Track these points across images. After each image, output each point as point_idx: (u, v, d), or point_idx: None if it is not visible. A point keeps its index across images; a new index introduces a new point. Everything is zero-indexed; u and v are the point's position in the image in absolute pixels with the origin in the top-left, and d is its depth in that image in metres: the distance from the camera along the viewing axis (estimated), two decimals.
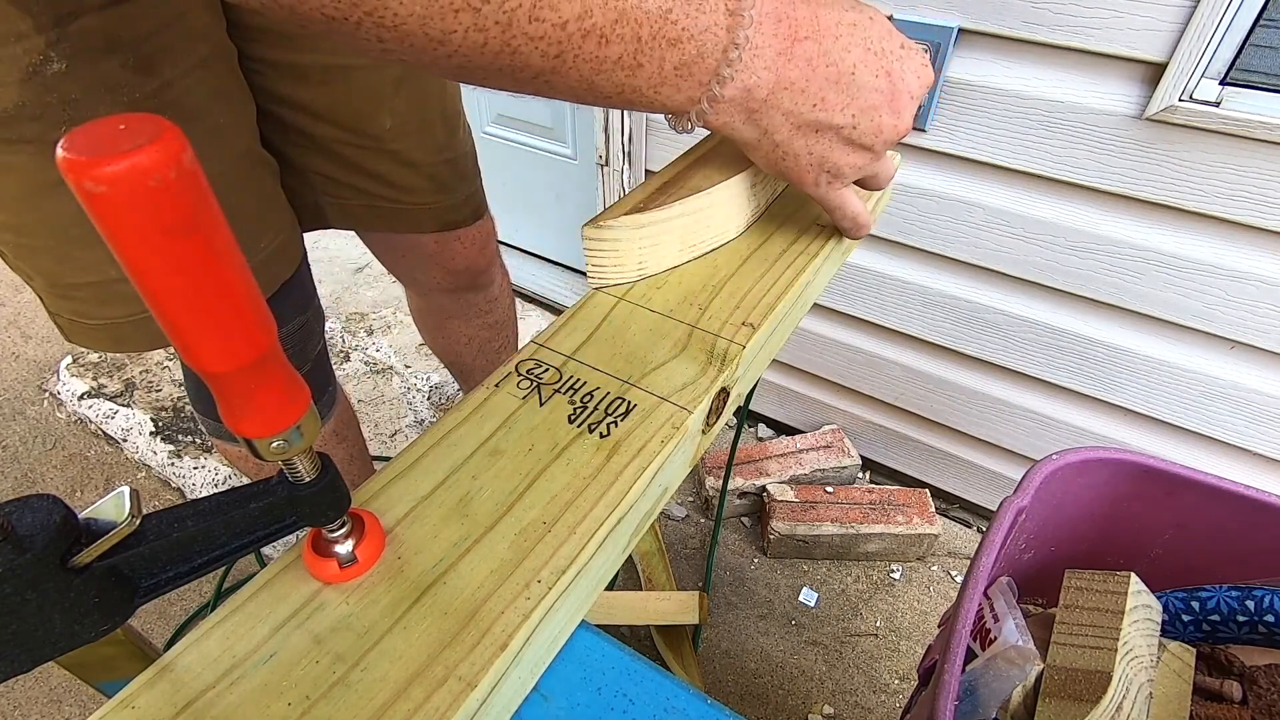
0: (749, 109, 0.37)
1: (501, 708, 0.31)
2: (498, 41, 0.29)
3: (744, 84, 0.35)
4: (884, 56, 0.39)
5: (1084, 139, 0.92)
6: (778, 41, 0.35)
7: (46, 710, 1.13)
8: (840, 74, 0.37)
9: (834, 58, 0.37)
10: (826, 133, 0.39)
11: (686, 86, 0.34)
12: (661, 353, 0.41)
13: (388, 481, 0.35)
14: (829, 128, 0.38)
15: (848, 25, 0.38)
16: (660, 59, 0.33)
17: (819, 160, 0.40)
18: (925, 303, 1.18)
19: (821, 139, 0.39)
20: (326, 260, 2.01)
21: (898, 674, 1.18)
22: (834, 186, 0.42)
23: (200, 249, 0.19)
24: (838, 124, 0.38)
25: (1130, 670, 0.61)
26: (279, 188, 0.66)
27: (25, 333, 1.80)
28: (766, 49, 0.35)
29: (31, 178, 0.49)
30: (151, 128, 0.18)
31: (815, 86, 0.37)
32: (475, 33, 0.29)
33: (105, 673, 0.30)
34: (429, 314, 1.04)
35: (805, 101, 0.37)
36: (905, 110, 0.40)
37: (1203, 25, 0.78)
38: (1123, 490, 0.73)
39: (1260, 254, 0.90)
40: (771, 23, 0.35)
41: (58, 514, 0.23)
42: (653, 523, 0.92)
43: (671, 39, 0.32)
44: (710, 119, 0.37)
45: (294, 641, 0.29)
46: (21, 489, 1.44)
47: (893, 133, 0.40)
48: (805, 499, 1.32)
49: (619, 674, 0.35)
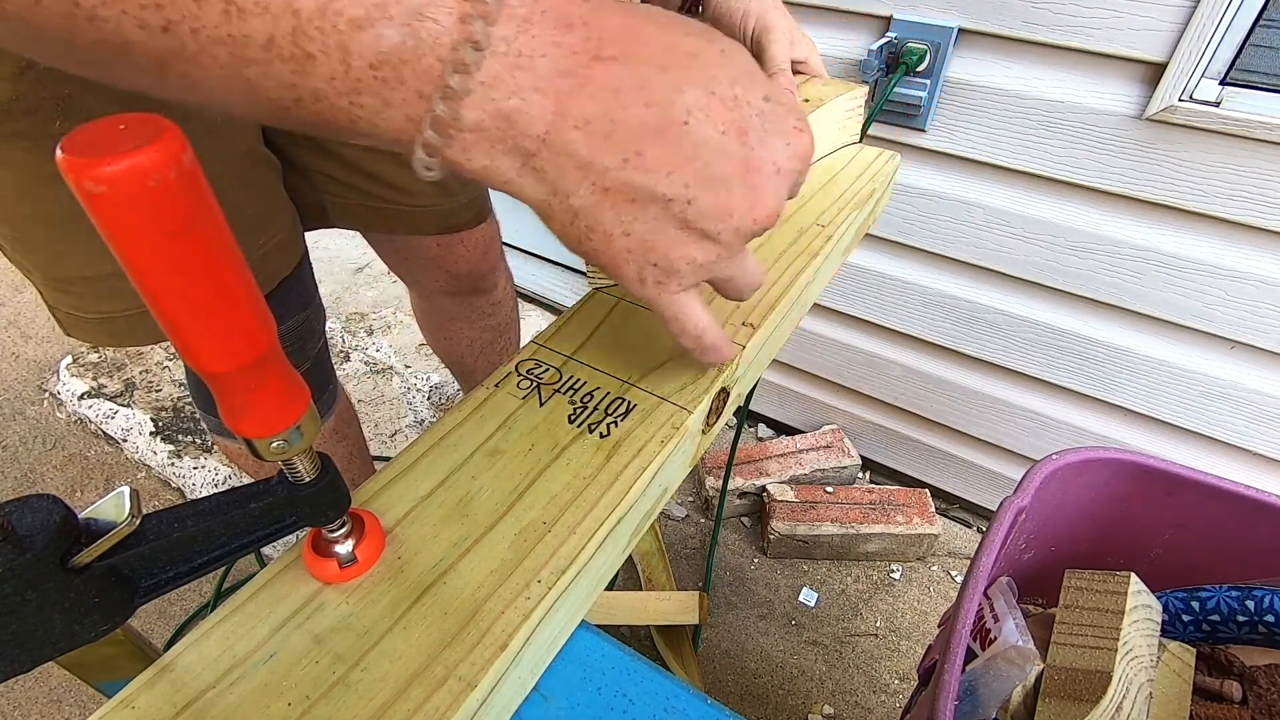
0: (521, 150, 0.26)
1: (501, 708, 0.31)
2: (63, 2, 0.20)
3: (498, 107, 0.24)
4: (737, 107, 0.27)
5: (1084, 139, 0.92)
6: (561, 55, 0.25)
7: (46, 710, 1.13)
8: (666, 120, 0.26)
9: (657, 95, 0.26)
10: (648, 206, 0.27)
11: (398, 100, 0.24)
12: (661, 353, 0.41)
13: (388, 481, 0.35)
14: (651, 198, 0.27)
15: (684, 54, 0.27)
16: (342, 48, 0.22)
17: (640, 246, 0.28)
18: (925, 303, 1.18)
19: (643, 215, 0.27)
20: (326, 260, 2.01)
21: (898, 674, 1.18)
22: (665, 289, 0.30)
23: (200, 249, 0.19)
24: (663, 194, 0.27)
25: (1130, 670, 0.61)
26: (280, 186, 0.66)
27: (25, 333, 1.80)
28: (539, 61, 0.24)
29: (26, 171, 0.49)
30: (151, 128, 0.18)
31: (627, 133, 0.26)
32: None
33: (105, 673, 0.30)
34: (431, 315, 1.04)
35: (612, 152, 0.26)
36: (766, 188, 0.29)
37: (1203, 25, 0.78)
38: (1123, 490, 0.73)
39: (1260, 254, 0.90)
40: (552, 26, 0.25)
41: (58, 514, 0.24)
42: (653, 523, 0.92)
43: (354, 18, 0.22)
44: (454, 156, 0.25)
45: (294, 641, 0.29)
46: (21, 489, 1.44)
47: (746, 218, 0.28)
48: (805, 499, 1.32)
49: (619, 674, 0.35)
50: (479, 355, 1.08)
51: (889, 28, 0.96)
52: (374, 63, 0.23)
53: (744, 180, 0.28)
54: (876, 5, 0.96)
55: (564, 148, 0.26)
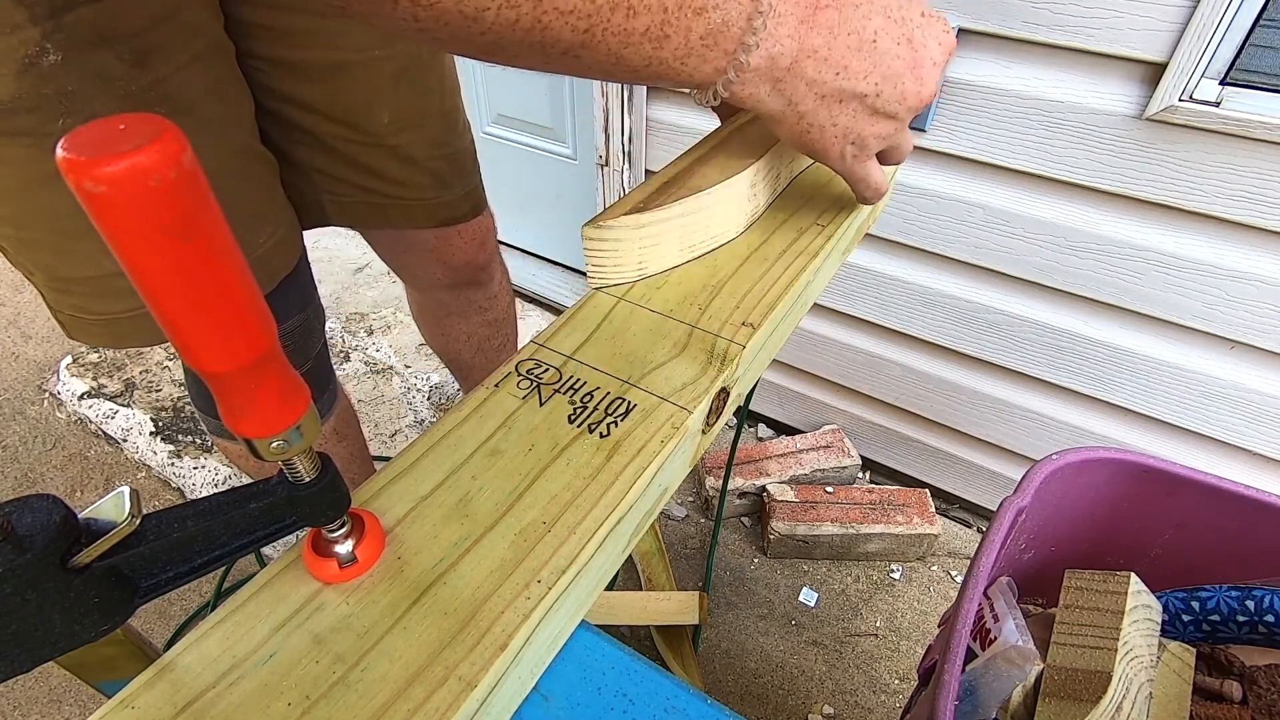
0: (774, 78, 0.37)
1: (501, 708, 0.31)
2: (529, 18, 0.30)
3: (768, 52, 0.35)
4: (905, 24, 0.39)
5: (1084, 139, 0.92)
6: (800, 9, 0.35)
7: (46, 710, 1.13)
8: (862, 41, 0.37)
9: (855, 25, 0.37)
10: (851, 102, 0.38)
11: (713, 57, 0.35)
12: (661, 353, 0.41)
13: (388, 481, 0.35)
14: (853, 96, 0.38)
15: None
16: (686, 29, 0.33)
17: (844, 131, 0.40)
18: (925, 303, 1.18)
19: (846, 109, 0.39)
20: (326, 260, 2.01)
21: (898, 674, 1.18)
22: (859, 159, 0.42)
23: (200, 249, 0.19)
24: (862, 91, 0.38)
25: (1130, 670, 0.61)
26: (278, 183, 0.66)
27: (25, 333, 1.80)
28: (789, 16, 0.35)
29: (28, 170, 0.49)
30: (151, 127, 0.18)
31: (838, 54, 0.37)
32: (508, 9, 0.29)
33: (105, 673, 0.30)
34: (429, 310, 1.04)
35: (829, 69, 0.37)
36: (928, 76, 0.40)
37: (1203, 25, 0.78)
38: (1123, 490, 0.73)
39: (1260, 254, 0.90)
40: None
41: (58, 514, 0.23)
42: (653, 523, 0.92)
43: (697, 8, 0.32)
44: (736, 90, 0.37)
45: (294, 641, 0.29)
46: (21, 489, 1.44)
47: (916, 99, 0.40)
48: (805, 499, 1.32)
49: (619, 674, 0.35)
50: (476, 350, 1.08)
51: None
52: (703, 36, 0.34)
53: (913, 73, 0.39)
54: None
55: (799, 72, 0.37)
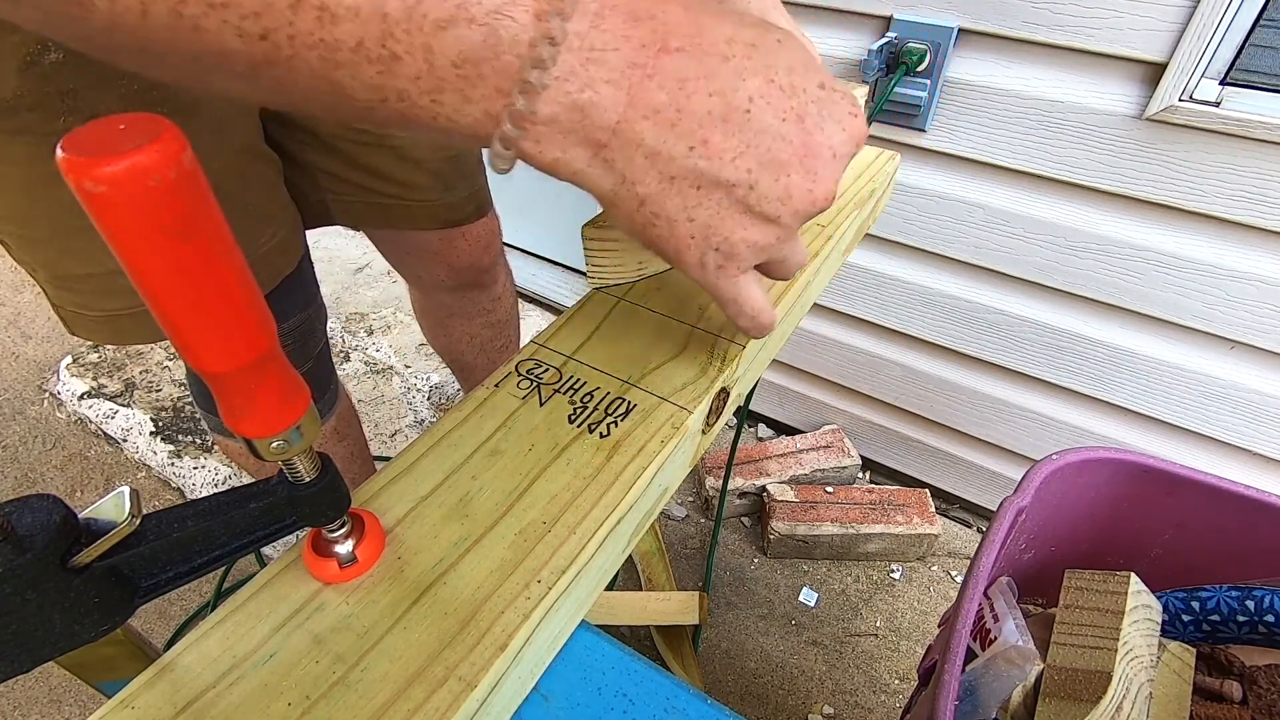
0: (592, 141, 0.27)
1: (501, 708, 0.31)
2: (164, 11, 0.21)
3: (573, 100, 0.25)
4: (795, 94, 0.28)
5: (1084, 139, 0.92)
6: (632, 48, 0.25)
7: (46, 710, 1.13)
8: (730, 108, 0.27)
9: (721, 83, 0.27)
10: (713, 192, 0.28)
11: (478, 96, 0.25)
12: (661, 353, 0.41)
13: (388, 481, 0.35)
14: (716, 184, 0.28)
15: (743, 45, 0.27)
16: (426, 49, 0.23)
17: (704, 231, 0.29)
18: (925, 303, 1.18)
19: (706, 200, 0.28)
20: (327, 260, 2.01)
21: (898, 674, 1.18)
22: (725, 273, 0.31)
23: (200, 249, 0.19)
24: (728, 179, 0.28)
25: (1130, 670, 0.61)
26: (281, 183, 0.66)
27: (25, 333, 1.80)
28: (612, 55, 0.25)
29: (30, 168, 0.49)
30: (151, 127, 0.18)
31: (693, 121, 0.27)
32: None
33: (105, 673, 0.30)
34: (432, 311, 1.04)
35: (678, 140, 0.27)
36: (825, 172, 0.29)
37: (1203, 25, 0.78)
38: (1123, 490, 0.73)
39: (1260, 254, 0.90)
40: (622, 20, 0.25)
41: (58, 514, 0.23)
42: (653, 523, 0.92)
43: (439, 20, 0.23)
44: (528, 149, 0.26)
45: (294, 641, 0.29)
46: (21, 489, 1.44)
47: (805, 200, 0.29)
48: (805, 499, 1.32)
49: (619, 674, 0.35)
50: (479, 352, 1.08)
51: (889, 28, 0.96)
52: (456, 61, 0.24)
53: (803, 164, 0.29)
54: (876, 5, 0.96)
55: (633, 137, 0.27)
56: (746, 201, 0.29)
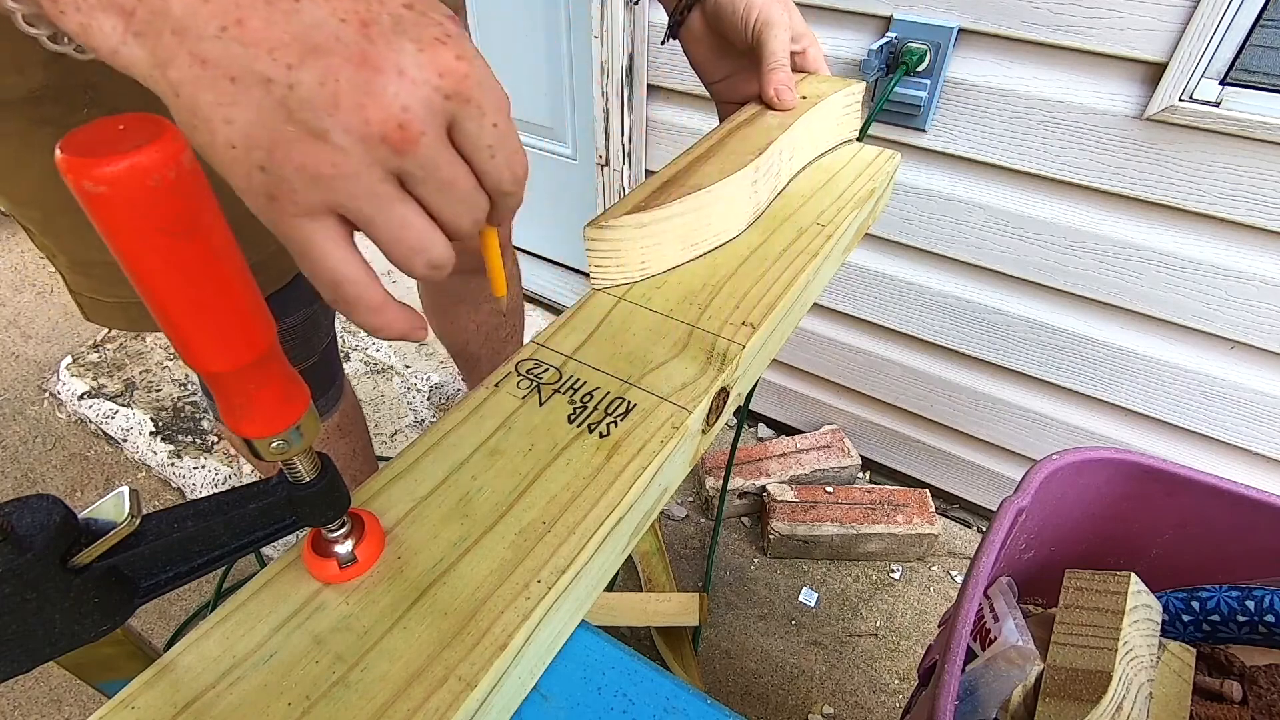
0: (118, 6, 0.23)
1: (501, 708, 0.31)
2: None
3: None
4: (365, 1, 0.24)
5: (1084, 139, 0.92)
6: None
7: (46, 710, 1.13)
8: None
9: None
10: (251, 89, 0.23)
11: None
12: (661, 353, 0.41)
13: (387, 481, 0.35)
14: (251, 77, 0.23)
15: None
16: None
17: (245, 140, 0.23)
18: (925, 303, 1.18)
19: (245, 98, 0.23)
20: None
21: (898, 674, 1.18)
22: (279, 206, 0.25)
23: (199, 249, 0.19)
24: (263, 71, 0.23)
25: (1130, 670, 0.61)
26: None
27: (25, 333, 1.80)
28: None
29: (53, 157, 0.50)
30: (152, 128, 0.18)
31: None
32: None
33: (105, 673, 0.30)
34: (437, 297, 1.04)
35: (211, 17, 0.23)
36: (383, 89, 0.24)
37: (1203, 25, 0.78)
38: (1123, 490, 0.73)
39: (1260, 254, 0.90)
40: None
41: (58, 514, 0.24)
42: (653, 523, 0.92)
43: None
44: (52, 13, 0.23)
45: (294, 641, 0.29)
46: (21, 489, 1.44)
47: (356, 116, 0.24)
48: (805, 499, 1.32)
49: (619, 674, 0.35)
50: (484, 340, 1.08)
51: (889, 28, 0.96)
52: None
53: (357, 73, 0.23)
54: (876, 5, 0.96)
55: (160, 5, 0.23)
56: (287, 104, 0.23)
